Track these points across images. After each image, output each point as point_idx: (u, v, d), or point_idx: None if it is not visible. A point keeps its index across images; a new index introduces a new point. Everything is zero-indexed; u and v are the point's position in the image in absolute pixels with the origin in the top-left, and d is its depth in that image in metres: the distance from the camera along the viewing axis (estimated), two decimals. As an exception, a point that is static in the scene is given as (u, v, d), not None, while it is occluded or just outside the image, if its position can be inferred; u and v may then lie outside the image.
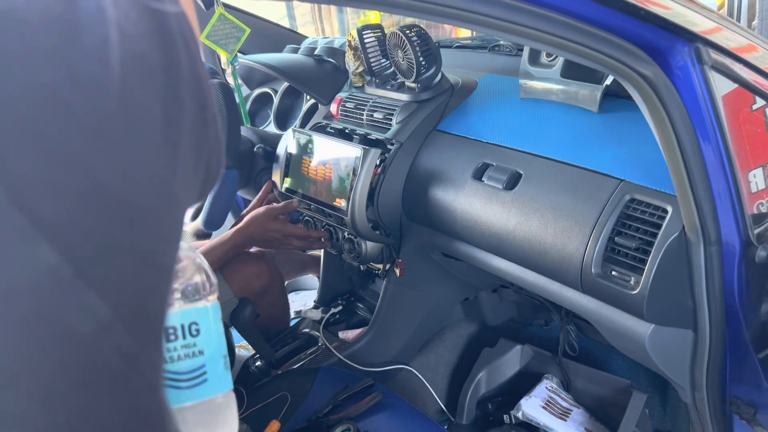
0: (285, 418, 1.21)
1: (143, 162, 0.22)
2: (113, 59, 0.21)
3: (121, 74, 0.21)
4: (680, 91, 0.84)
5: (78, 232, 0.20)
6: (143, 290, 0.23)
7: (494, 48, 1.62)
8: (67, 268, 0.19)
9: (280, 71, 1.58)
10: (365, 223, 1.38)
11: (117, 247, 0.21)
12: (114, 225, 0.21)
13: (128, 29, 0.22)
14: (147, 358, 0.23)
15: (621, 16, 0.79)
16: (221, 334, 0.41)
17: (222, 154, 0.31)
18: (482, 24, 0.74)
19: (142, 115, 0.22)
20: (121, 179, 0.21)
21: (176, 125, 0.24)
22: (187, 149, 0.25)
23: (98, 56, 0.21)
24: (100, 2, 0.21)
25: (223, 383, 0.41)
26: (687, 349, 1.02)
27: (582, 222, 1.03)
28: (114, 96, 0.21)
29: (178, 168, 0.24)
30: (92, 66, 0.21)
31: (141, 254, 0.22)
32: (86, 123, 0.20)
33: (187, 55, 0.25)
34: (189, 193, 0.26)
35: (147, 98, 0.22)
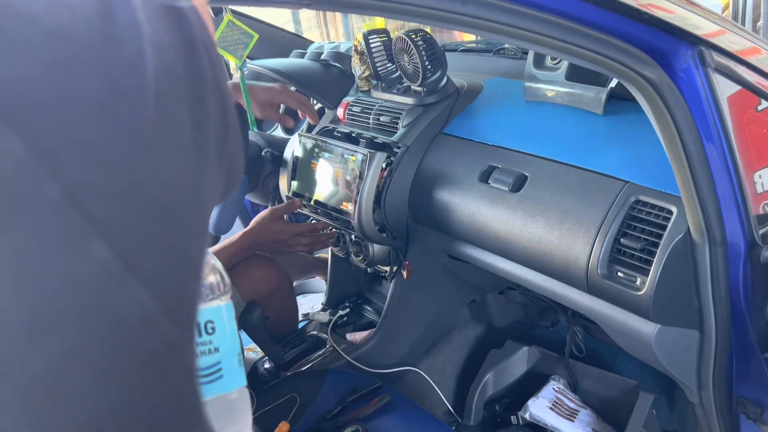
0: (294, 419, 1.22)
1: (177, 166, 0.24)
2: (148, 70, 0.23)
3: (155, 84, 0.23)
4: (684, 93, 0.85)
5: (125, 231, 0.22)
6: (180, 284, 0.24)
7: (499, 51, 1.63)
8: (118, 263, 0.21)
9: (287, 76, 1.60)
10: (372, 226, 1.39)
11: (158, 245, 0.23)
12: (155, 224, 0.23)
13: (159, 42, 0.23)
14: (186, 348, 0.25)
15: (624, 20, 0.80)
16: (235, 332, 0.42)
17: (242, 157, 0.32)
18: (487, 29, 0.75)
19: (174, 122, 0.24)
20: (159, 182, 0.23)
21: (203, 131, 0.26)
22: (211, 153, 0.27)
23: (135, 68, 0.22)
24: (135, 17, 0.23)
25: (237, 379, 0.42)
26: (693, 349, 1.03)
27: (588, 223, 1.04)
28: (150, 104, 0.23)
29: (206, 171, 0.26)
30: (131, 77, 0.22)
31: (177, 251, 0.24)
32: (128, 130, 0.22)
33: (210, 64, 0.27)
34: (213, 195, 0.28)
35: (177, 106, 0.24)
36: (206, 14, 0.31)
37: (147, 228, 0.22)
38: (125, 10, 0.23)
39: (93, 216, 0.21)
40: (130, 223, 0.22)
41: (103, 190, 0.21)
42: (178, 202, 0.24)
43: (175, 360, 0.24)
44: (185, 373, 0.25)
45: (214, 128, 0.27)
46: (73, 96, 0.21)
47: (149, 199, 0.22)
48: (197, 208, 0.25)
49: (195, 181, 0.25)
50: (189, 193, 0.24)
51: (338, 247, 1.57)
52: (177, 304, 0.24)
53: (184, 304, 0.24)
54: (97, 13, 0.22)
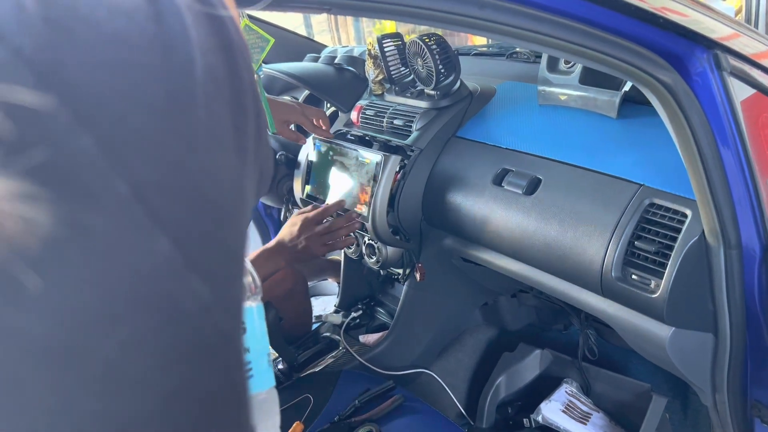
0: (308, 420, 1.23)
1: (223, 165, 0.25)
2: (197, 73, 0.24)
3: (203, 87, 0.24)
4: (699, 97, 0.85)
5: (183, 227, 0.23)
6: (230, 278, 0.26)
7: (512, 55, 1.63)
8: (179, 257, 0.22)
9: (302, 80, 1.61)
10: (386, 228, 1.40)
11: (211, 240, 0.24)
12: (208, 220, 0.24)
13: (203, 45, 0.25)
14: (236, 337, 0.26)
15: (640, 24, 0.80)
16: (265, 333, 0.43)
17: (272, 158, 0.34)
18: (503, 33, 0.75)
19: (219, 123, 0.25)
20: (210, 180, 0.24)
21: (243, 132, 0.27)
22: (250, 154, 0.28)
23: (187, 72, 0.24)
24: (183, 22, 0.24)
25: (266, 379, 0.43)
26: (708, 352, 1.03)
27: (602, 226, 1.04)
28: (200, 106, 0.24)
29: (246, 171, 0.27)
30: (183, 80, 0.23)
31: (227, 246, 0.25)
32: (182, 131, 0.23)
33: (246, 68, 0.28)
34: (252, 193, 0.29)
35: (221, 108, 0.25)
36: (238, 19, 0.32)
37: (201, 224, 0.24)
38: (174, 16, 0.24)
39: (156, 212, 0.22)
40: (187, 219, 0.23)
41: (164, 188, 0.22)
42: (226, 199, 0.25)
43: (228, 349, 0.25)
44: (236, 363, 0.26)
45: (252, 129, 0.28)
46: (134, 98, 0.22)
47: (202, 197, 0.24)
48: (241, 205, 0.26)
49: (238, 180, 0.26)
50: (234, 191, 0.26)
51: (351, 249, 1.58)
52: (228, 296, 0.25)
53: (233, 297, 0.26)
54: (149, 18, 0.23)
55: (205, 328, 0.24)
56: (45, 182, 0.20)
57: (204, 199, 0.24)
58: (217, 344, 0.24)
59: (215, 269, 0.24)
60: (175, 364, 0.23)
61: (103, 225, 0.21)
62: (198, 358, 0.23)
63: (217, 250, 0.24)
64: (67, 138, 0.20)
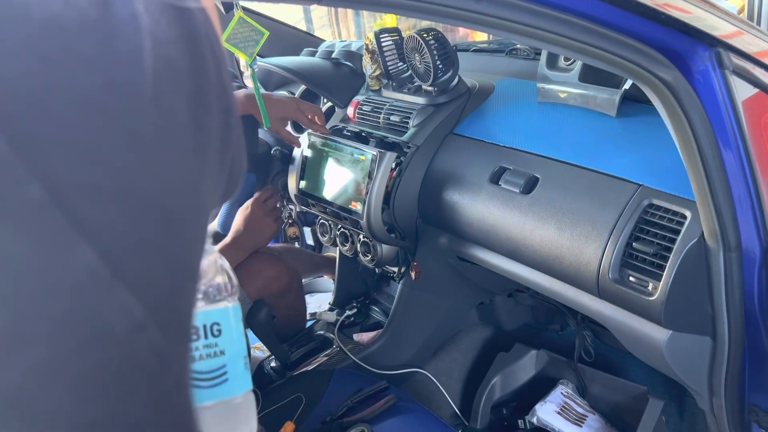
0: (299, 419, 1.21)
1: (175, 166, 0.23)
2: (147, 65, 0.22)
3: (154, 80, 0.22)
4: (700, 95, 0.83)
5: (115, 234, 0.21)
6: (174, 290, 0.23)
7: (511, 52, 1.61)
8: (105, 269, 0.20)
9: (298, 74, 1.59)
10: (381, 226, 1.38)
11: (151, 248, 0.22)
12: (148, 227, 0.22)
13: (159, 35, 0.22)
14: (177, 357, 0.23)
15: (641, 20, 0.78)
16: (242, 335, 0.41)
17: (244, 157, 0.31)
18: (501, 28, 0.74)
19: (173, 120, 0.23)
20: (155, 182, 0.22)
21: (204, 129, 0.25)
22: (213, 153, 0.26)
23: (133, 62, 0.21)
24: (133, 9, 0.22)
25: (242, 383, 0.41)
26: (705, 355, 1.01)
27: (599, 227, 1.02)
28: (148, 101, 0.22)
29: (205, 172, 0.25)
30: (128, 72, 0.21)
31: (172, 255, 0.23)
32: (122, 127, 0.21)
33: (214, 61, 0.26)
34: (214, 196, 0.26)
35: (177, 103, 0.23)
36: (212, 10, 0.30)
37: (139, 231, 0.21)
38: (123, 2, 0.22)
39: (79, 218, 0.20)
40: (120, 225, 0.21)
41: (93, 191, 0.20)
42: (175, 204, 0.23)
43: (165, 371, 0.23)
44: (176, 385, 0.23)
45: (217, 127, 0.26)
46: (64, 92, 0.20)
47: (143, 201, 0.21)
48: (195, 210, 0.24)
49: (194, 182, 0.24)
50: (187, 194, 0.23)
51: (346, 247, 1.56)
52: (169, 311, 0.23)
53: (177, 312, 0.23)
54: (93, 4, 0.21)
55: (135, 348, 0.21)
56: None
57: (145, 201, 0.21)
58: (152, 366, 0.22)
59: (154, 281, 0.22)
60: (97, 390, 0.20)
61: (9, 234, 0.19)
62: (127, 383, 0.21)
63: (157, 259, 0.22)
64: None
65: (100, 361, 0.20)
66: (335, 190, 1.45)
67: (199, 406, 0.40)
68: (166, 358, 0.22)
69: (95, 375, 0.20)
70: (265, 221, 1.48)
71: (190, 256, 0.24)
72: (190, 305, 0.24)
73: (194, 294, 0.24)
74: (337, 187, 1.45)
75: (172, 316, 0.23)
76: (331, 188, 1.47)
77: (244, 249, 1.46)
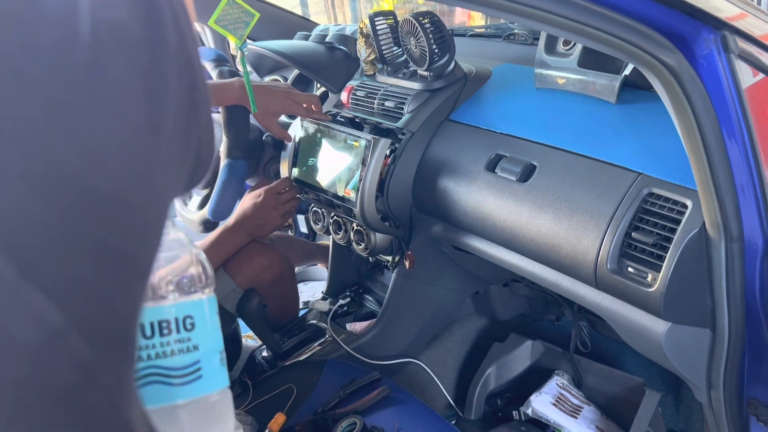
0: (291, 411, 1.19)
1: (117, 144, 0.19)
2: (82, 26, 0.19)
3: (92, 44, 0.19)
4: (704, 81, 0.80)
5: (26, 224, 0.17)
6: (109, 291, 0.20)
7: (509, 36, 1.58)
8: (9, 268, 0.17)
9: (291, 58, 1.56)
10: (374, 214, 1.35)
11: (76, 241, 0.18)
12: (73, 215, 0.18)
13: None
14: (108, 370, 0.20)
15: (644, 0, 0.75)
16: (217, 329, 0.39)
17: (212, 140, 0.28)
18: (499, 8, 0.71)
19: (117, 91, 0.20)
20: (87, 162, 0.18)
21: (160, 105, 0.21)
22: (173, 133, 0.22)
23: (63, 22, 0.18)
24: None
25: (218, 380, 0.39)
26: (704, 348, 0.99)
27: (598, 216, 1.00)
28: (81, 67, 0.19)
29: (162, 154, 0.22)
30: (55, 33, 0.18)
31: (107, 248, 0.19)
32: (45, 96, 0.18)
33: (176, 30, 0.23)
34: (174, 181, 0.23)
35: (125, 73, 0.20)
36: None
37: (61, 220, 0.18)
38: None
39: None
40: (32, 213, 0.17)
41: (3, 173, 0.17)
42: (115, 187, 0.19)
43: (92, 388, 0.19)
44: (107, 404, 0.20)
45: (177, 103, 0.22)
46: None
47: (68, 183, 0.18)
48: (145, 196, 0.21)
49: (144, 163, 0.21)
50: (133, 177, 0.20)
51: (339, 235, 1.53)
52: (99, 317, 0.19)
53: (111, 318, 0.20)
54: None
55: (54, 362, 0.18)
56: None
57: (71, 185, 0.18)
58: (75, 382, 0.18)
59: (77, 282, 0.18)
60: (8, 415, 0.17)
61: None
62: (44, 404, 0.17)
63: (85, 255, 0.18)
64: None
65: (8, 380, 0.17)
66: (328, 177, 1.43)
67: (171, 404, 0.37)
68: (92, 372, 0.19)
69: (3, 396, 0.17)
70: (272, 214, 1.44)
71: (136, 251, 0.21)
72: (133, 309, 0.21)
73: (140, 295, 0.21)
74: (330, 175, 1.42)
75: (104, 321, 0.20)
76: (324, 175, 1.44)
77: (247, 234, 1.43)
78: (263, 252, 1.46)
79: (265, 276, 1.44)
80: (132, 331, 0.21)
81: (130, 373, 0.21)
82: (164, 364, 0.37)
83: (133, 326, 0.21)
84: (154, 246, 0.22)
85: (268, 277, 1.45)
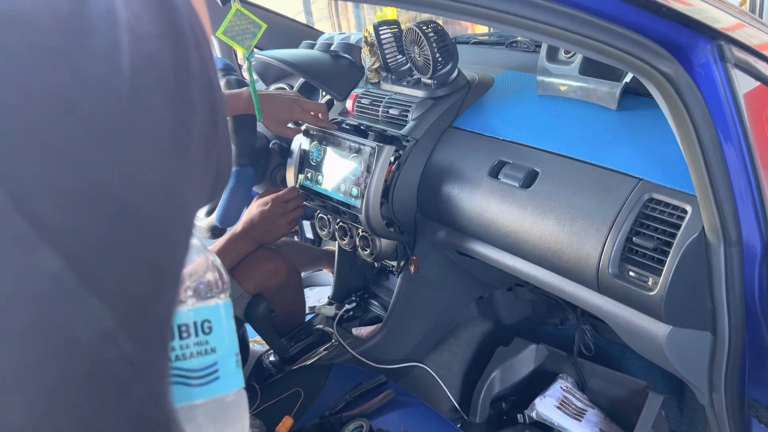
0: (298, 414, 1.21)
1: (151, 165, 0.22)
2: (123, 60, 0.21)
3: (131, 76, 0.21)
4: (702, 89, 0.82)
5: (82, 238, 0.20)
6: (148, 297, 0.22)
7: (511, 44, 1.60)
8: (71, 275, 0.19)
9: (296, 67, 1.58)
10: (379, 220, 1.37)
11: (122, 253, 0.21)
12: (119, 230, 0.21)
13: (139, 29, 0.22)
14: (151, 366, 0.22)
15: (642, 12, 0.77)
16: (233, 332, 0.41)
17: (230, 156, 0.30)
18: (502, 21, 0.73)
19: (152, 118, 0.22)
20: (128, 183, 0.21)
21: (186, 127, 0.24)
22: (196, 151, 0.25)
23: (108, 57, 0.21)
24: (110, 3, 0.21)
25: (234, 381, 0.41)
26: (705, 351, 1.00)
27: (599, 221, 1.02)
28: (123, 98, 0.21)
29: (187, 171, 0.24)
30: (101, 67, 0.20)
31: (146, 260, 0.22)
32: (94, 125, 0.20)
33: (199, 56, 0.25)
34: (198, 196, 0.25)
35: (157, 100, 0.22)
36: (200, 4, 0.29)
37: (109, 235, 0.20)
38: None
39: (43, 222, 0.19)
40: (88, 229, 0.20)
41: (58, 193, 0.19)
42: (151, 205, 0.22)
43: (137, 382, 0.22)
44: (150, 395, 0.22)
45: (201, 124, 0.25)
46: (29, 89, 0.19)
47: (113, 203, 0.20)
48: (175, 211, 0.23)
49: (174, 182, 0.23)
50: (165, 195, 0.22)
51: (345, 241, 1.55)
52: (142, 319, 0.22)
53: (151, 320, 0.22)
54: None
55: (105, 359, 0.20)
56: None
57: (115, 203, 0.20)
58: (123, 377, 0.21)
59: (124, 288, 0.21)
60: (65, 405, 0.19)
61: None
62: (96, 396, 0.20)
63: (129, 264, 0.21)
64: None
65: (66, 373, 0.19)
66: (334, 183, 1.45)
67: (189, 404, 0.39)
68: (138, 367, 0.21)
69: (61, 388, 0.19)
70: (279, 221, 1.47)
71: (169, 261, 0.23)
72: (167, 312, 0.23)
73: (173, 300, 0.23)
74: (335, 181, 1.44)
75: (146, 323, 0.22)
76: (329, 182, 1.46)
77: (254, 240, 1.45)
78: (270, 258, 1.48)
79: (272, 281, 1.46)
80: (168, 331, 0.23)
81: (167, 369, 0.23)
82: (184, 366, 0.39)
83: (169, 327, 0.23)
84: (183, 256, 0.24)
85: (275, 282, 1.47)
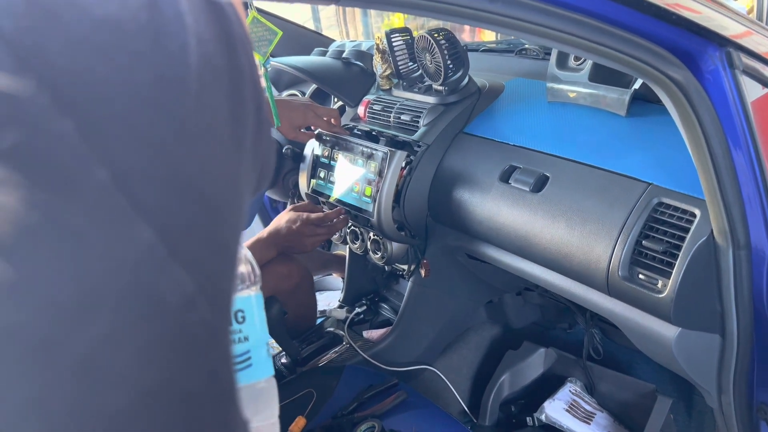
0: (311, 414, 1.23)
1: (216, 156, 0.24)
2: (191, 62, 0.23)
3: (197, 76, 0.23)
4: (711, 95, 0.84)
5: (170, 216, 0.22)
6: (219, 271, 0.25)
7: (521, 51, 1.62)
8: (162, 247, 0.22)
9: (309, 74, 1.61)
10: (391, 224, 1.39)
11: (200, 231, 0.23)
12: (196, 211, 0.23)
13: (201, 34, 0.24)
14: (223, 332, 0.25)
15: (652, 20, 0.79)
16: (264, 322, 0.43)
17: (273, 154, 0.33)
18: (514, 27, 0.74)
19: (214, 113, 0.24)
20: (200, 171, 0.23)
21: (241, 123, 0.26)
22: (248, 147, 0.27)
23: (180, 58, 0.23)
24: (178, 9, 0.23)
25: (265, 368, 0.43)
26: (714, 353, 1.02)
27: (609, 225, 1.03)
28: (193, 95, 0.23)
29: (243, 164, 0.26)
30: (175, 68, 0.23)
31: (218, 239, 0.24)
32: (172, 120, 0.23)
33: (247, 59, 0.27)
34: (249, 188, 0.28)
35: (217, 97, 0.25)
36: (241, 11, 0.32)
37: (188, 214, 0.23)
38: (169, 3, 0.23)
39: (139, 201, 0.21)
40: (173, 209, 0.22)
41: (149, 176, 0.22)
42: (218, 191, 0.24)
43: (214, 344, 0.24)
44: (223, 358, 0.25)
45: (251, 122, 0.27)
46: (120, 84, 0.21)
47: (191, 187, 0.23)
48: (235, 199, 0.26)
49: (233, 172, 0.26)
50: (227, 183, 0.25)
51: (356, 245, 1.57)
52: (215, 289, 0.24)
53: (221, 290, 0.25)
54: (143, 5, 0.23)
55: (188, 321, 0.23)
56: (18, 166, 0.19)
57: (192, 188, 0.23)
58: (202, 338, 0.23)
59: (202, 261, 0.23)
60: (155, 359, 0.22)
61: (80, 212, 0.20)
62: (181, 353, 0.22)
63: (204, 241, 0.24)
64: (45, 121, 0.20)
65: (158, 332, 0.22)
66: (346, 188, 1.47)
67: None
68: (214, 332, 0.24)
69: (154, 345, 0.22)
70: (304, 241, 1.48)
71: (231, 241, 0.26)
72: (231, 286, 0.26)
73: (234, 276, 0.26)
74: (347, 186, 1.46)
75: (218, 293, 0.25)
76: (341, 187, 1.48)
77: (277, 250, 1.48)
78: (283, 261, 1.50)
79: (285, 284, 1.48)
80: (231, 302, 0.26)
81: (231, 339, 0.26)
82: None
83: (232, 300, 0.26)
84: (239, 237, 0.27)
85: (288, 285, 1.49)
